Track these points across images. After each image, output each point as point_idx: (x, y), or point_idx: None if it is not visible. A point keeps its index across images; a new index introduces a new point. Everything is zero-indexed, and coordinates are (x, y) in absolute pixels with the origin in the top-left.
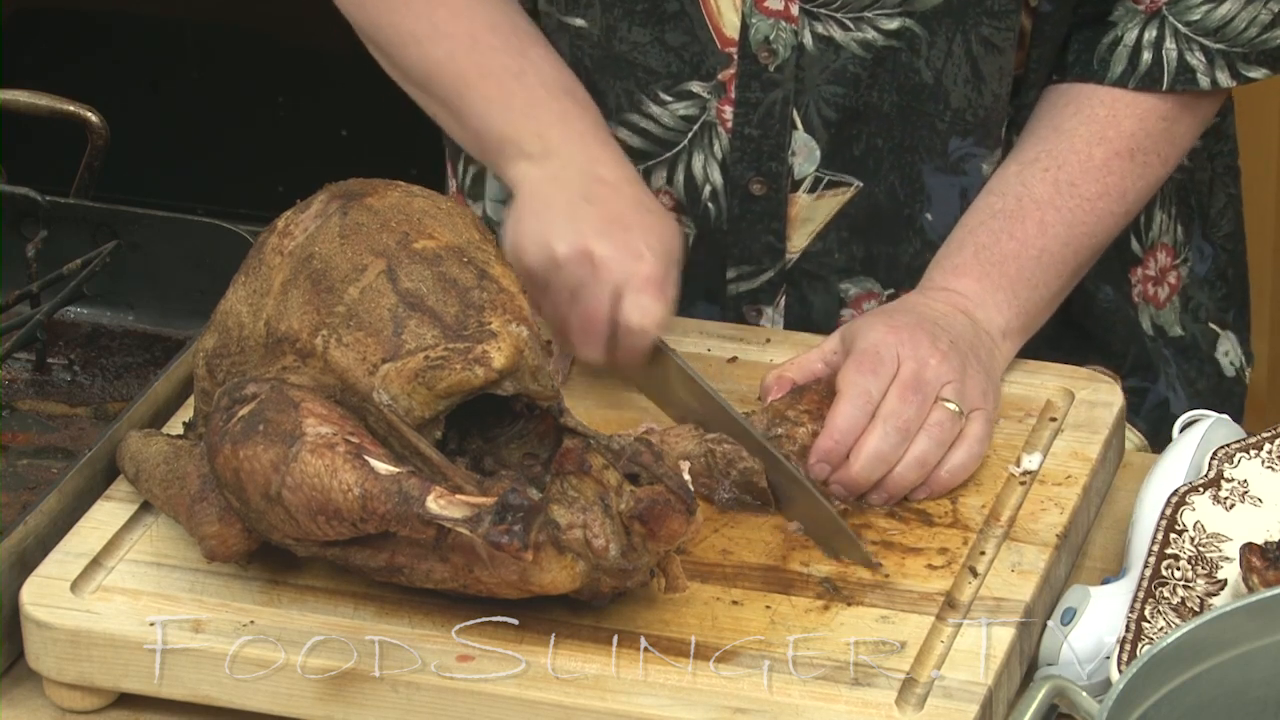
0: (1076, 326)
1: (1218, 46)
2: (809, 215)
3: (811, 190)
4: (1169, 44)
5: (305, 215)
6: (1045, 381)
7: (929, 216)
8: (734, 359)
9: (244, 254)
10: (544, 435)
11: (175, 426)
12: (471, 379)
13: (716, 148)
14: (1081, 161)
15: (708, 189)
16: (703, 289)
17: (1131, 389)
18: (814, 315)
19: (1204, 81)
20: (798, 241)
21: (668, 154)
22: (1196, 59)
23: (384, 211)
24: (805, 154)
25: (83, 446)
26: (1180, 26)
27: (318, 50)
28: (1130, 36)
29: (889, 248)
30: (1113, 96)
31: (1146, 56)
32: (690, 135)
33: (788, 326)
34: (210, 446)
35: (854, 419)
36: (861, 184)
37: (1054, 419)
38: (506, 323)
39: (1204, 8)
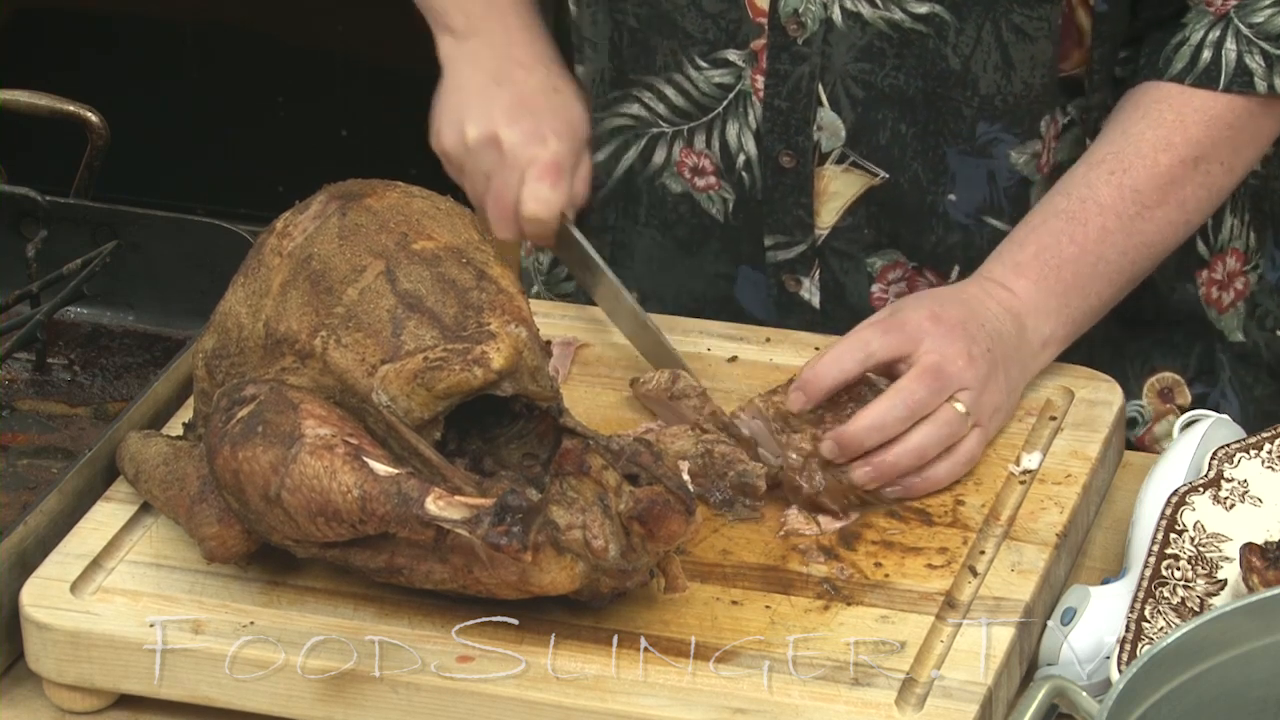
0: (1148, 329)
1: (1278, 52)
2: (837, 189)
3: (839, 163)
4: (1229, 45)
5: (304, 216)
6: (1045, 380)
7: (952, 198)
8: (734, 358)
9: (244, 254)
10: (543, 436)
11: (175, 427)
12: (470, 380)
13: (751, 117)
14: (1147, 167)
15: (742, 157)
16: (745, 254)
17: (1195, 395)
18: (846, 295)
19: (1261, 85)
20: (826, 218)
21: (705, 118)
22: (1256, 62)
23: (383, 212)
24: (831, 131)
25: (83, 446)
26: (1244, 29)
27: (318, 50)
28: (1195, 37)
29: (912, 235)
30: (1181, 100)
31: (1206, 56)
32: (726, 103)
33: (822, 299)
34: (209, 448)
35: (842, 364)
36: (887, 175)
37: (1054, 418)
38: (505, 323)
39: (1268, 11)
